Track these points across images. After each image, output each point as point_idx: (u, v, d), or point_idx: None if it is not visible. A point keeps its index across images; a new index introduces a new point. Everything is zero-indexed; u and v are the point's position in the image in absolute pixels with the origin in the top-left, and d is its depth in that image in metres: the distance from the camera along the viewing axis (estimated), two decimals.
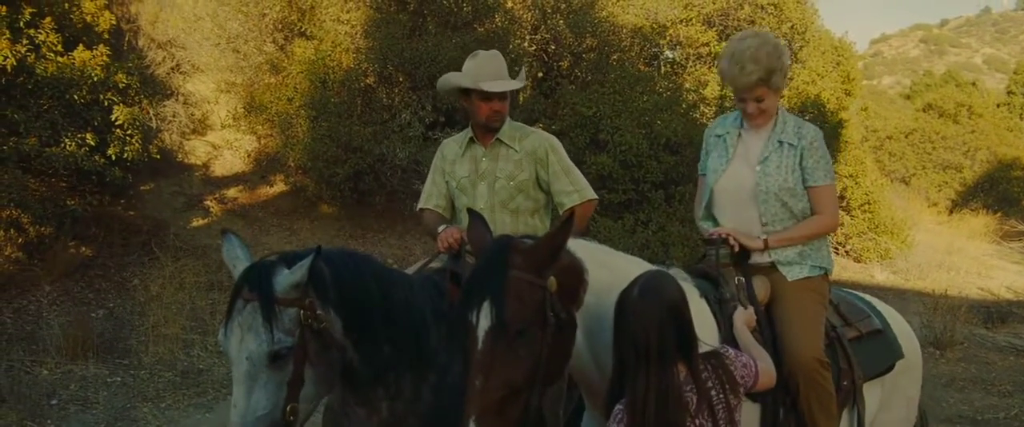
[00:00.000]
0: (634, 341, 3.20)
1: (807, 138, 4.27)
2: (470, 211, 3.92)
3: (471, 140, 5.11)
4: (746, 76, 4.15)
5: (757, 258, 4.30)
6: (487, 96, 4.90)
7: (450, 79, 5.06)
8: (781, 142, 4.28)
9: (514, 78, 5.09)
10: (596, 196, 5.18)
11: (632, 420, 3.20)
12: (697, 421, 3.24)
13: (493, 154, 5.05)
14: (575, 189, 5.06)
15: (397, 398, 3.94)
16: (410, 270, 4.90)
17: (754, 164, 4.30)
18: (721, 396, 3.31)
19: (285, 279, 3.38)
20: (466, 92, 4.98)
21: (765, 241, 4.23)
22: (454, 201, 5.17)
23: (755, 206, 4.28)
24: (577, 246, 3.52)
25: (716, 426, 3.27)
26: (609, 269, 3.59)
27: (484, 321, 3.10)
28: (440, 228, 4.77)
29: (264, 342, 3.30)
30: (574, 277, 3.43)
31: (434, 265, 4.73)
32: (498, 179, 4.99)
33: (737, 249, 4.20)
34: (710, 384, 3.31)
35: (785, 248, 4.28)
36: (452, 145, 5.22)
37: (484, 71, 4.93)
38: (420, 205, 5.27)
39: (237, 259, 3.57)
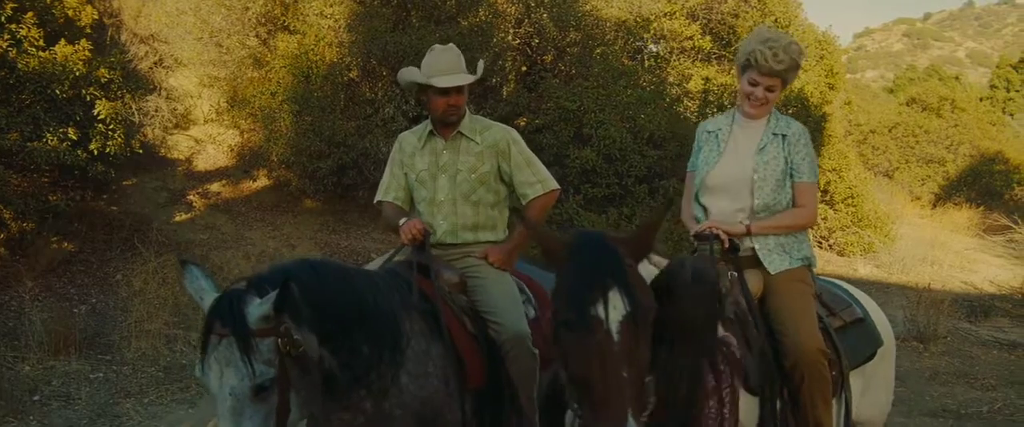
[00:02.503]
0: (682, 323, 3.24)
1: (795, 133, 4.43)
2: (514, 211, 3.93)
3: (431, 133, 5.11)
4: (777, 63, 4.28)
5: (744, 250, 4.36)
6: (443, 91, 4.90)
7: (405, 75, 5.06)
8: (775, 134, 4.44)
9: (473, 72, 5.07)
10: (558, 186, 5.19)
11: (663, 397, 3.23)
12: (710, 402, 3.29)
13: (454, 147, 5.05)
14: (538, 180, 5.07)
15: (381, 394, 3.92)
16: (372, 264, 4.92)
17: (751, 153, 4.42)
18: (729, 381, 3.36)
19: (257, 310, 3.32)
20: (424, 87, 4.98)
21: (748, 227, 4.30)
22: (413, 193, 5.16)
23: (748, 193, 4.37)
24: None
25: (721, 407, 3.31)
26: None
27: (615, 312, 3.06)
28: (401, 221, 4.80)
29: (246, 377, 3.25)
30: None
31: (398, 258, 4.78)
32: (459, 171, 4.99)
33: (727, 244, 4.23)
34: (722, 367, 3.36)
35: (766, 237, 4.35)
36: (410, 138, 5.21)
37: (438, 66, 4.94)
38: (378, 197, 5.25)
39: (202, 290, 3.50)
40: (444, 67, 4.94)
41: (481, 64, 5.16)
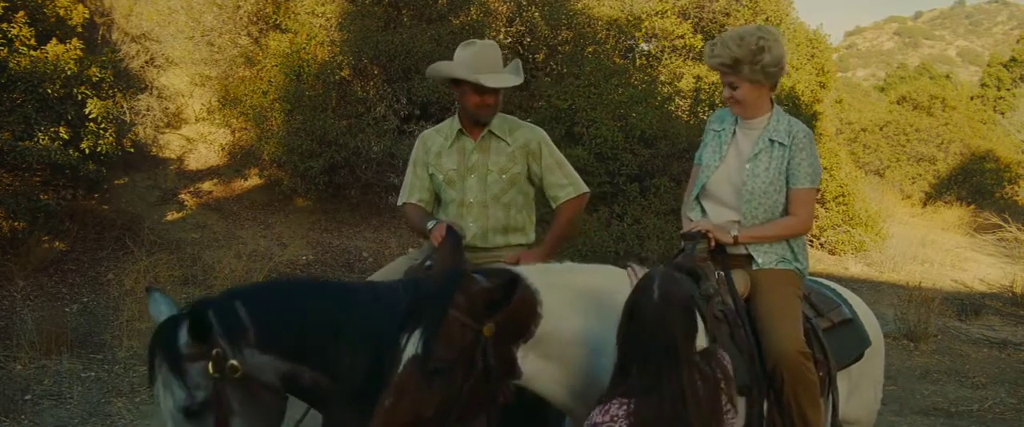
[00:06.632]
0: (656, 344, 3.18)
1: (797, 138, 4.31)
2: (449, 229, 3.84)
3: (460, 131, 5.01)
4: (712, 58, 4.24)
5: (732, 249, 4.32)
6: (480, 89, 4.82)
7: (442, 68, 4.95)
8: (772, 140, 4.32)
9: (507, 70, 4.99)
10: (588, 189, 5.14)
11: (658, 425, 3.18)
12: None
13: (483, 147, 4.97)
14: (569, 182, 5.04)
15: None
16: (393, 267, 4.84)
17: (744, 162, 4.35)
18: (725, 393, 3.34)
19: (183, 337, 3.39)
20: (457, 81, 4.89)
21: (735, 237, 4.24)
22: (440, 194, 5.04)
23: (739, 203, 4.33)
24: (533, 272, 3.50)
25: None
26: (564, 291, 3.59)
27: (410, 349, 3.13)
28: (429, 224, 4.66)
29: (177, 399, 3.35)
30: (525, 314, 3.40)
31: (429, 263, 4.57)
32: (490, 172, 4.91)
33: (714, 244, 4.22)
34: (722, 386, 3.33)
35: (759, 245, 4.32)
36: (435, 137, 5.10)
37: (482, 63, 4.84)
38: (402, 199, 5.13)
39: (161, 315, 3.57)
40: (489, 64, 4.85)
41: (518, 65, 5.07)
